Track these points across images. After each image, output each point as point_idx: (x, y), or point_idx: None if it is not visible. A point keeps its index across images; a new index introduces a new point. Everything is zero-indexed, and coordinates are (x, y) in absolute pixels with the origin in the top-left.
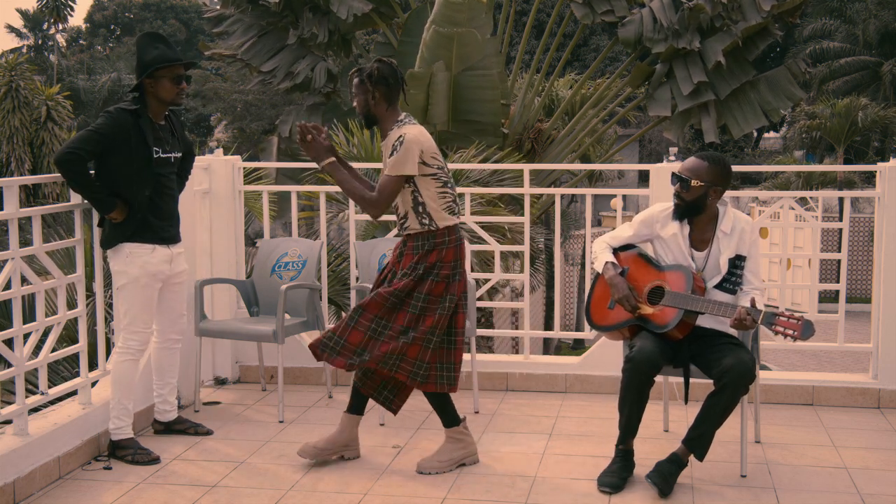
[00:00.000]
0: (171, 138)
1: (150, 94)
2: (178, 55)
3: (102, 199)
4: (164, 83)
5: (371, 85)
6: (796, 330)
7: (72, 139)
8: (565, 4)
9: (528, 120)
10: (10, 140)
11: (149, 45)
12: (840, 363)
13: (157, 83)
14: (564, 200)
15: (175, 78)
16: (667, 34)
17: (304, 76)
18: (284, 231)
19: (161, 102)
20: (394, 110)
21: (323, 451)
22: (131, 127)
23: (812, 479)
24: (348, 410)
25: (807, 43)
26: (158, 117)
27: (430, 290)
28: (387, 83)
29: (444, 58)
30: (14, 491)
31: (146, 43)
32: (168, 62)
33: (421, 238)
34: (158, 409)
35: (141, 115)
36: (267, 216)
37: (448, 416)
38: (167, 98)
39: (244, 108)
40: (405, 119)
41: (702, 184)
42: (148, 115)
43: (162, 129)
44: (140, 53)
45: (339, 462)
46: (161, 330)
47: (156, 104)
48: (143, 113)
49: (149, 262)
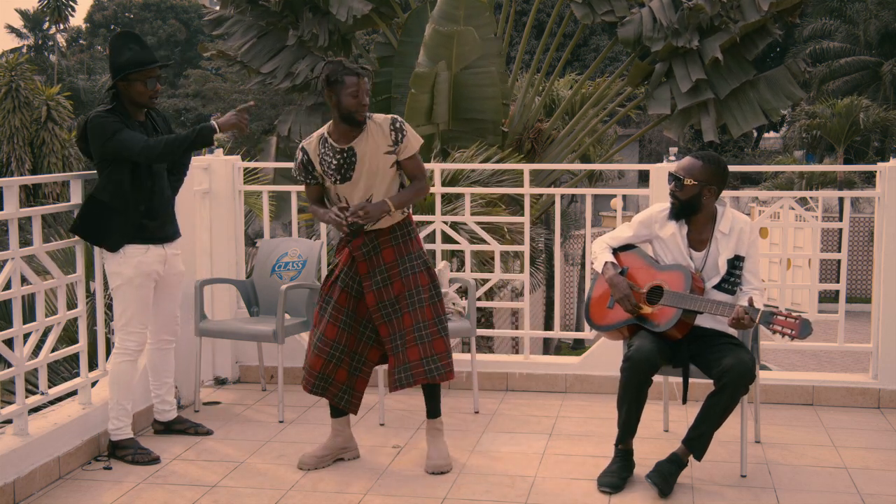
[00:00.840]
0: (153, 134)
1: (124, 95)
2: (151, 57)
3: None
4: (136, 86)
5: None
6: (794, 329)
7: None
8: (565, 4)
9: (528, 120)
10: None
11: (122, 47)
12: (840, 363)
13: (129, 86)
14: (564, 200)
15: (148, 81)
16: (666, 33)
17: (303, 77)
18: (284, 231)
19: (134, 104)
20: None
21: (322, 459)
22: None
23: (812, 479)
24: (333, 415)
25: (807, 43)
26: (137, 115)
27: (419, 282)
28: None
29: (443, 57)
30: (14, 491)
31: (120, 44)
32: (140, 66)
33: (399, 228)
34: (157, 409)
35: (121, 113)
36: (267, 216)
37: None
38: (140, 101)
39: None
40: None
41: (695, 182)
42: (127, 113)
43: (142, 125)
44: (113, 55)
45: (339, 462)
46: (154, 331)
47: (130, 105)
48: (119, 110)
49: (143, 261)
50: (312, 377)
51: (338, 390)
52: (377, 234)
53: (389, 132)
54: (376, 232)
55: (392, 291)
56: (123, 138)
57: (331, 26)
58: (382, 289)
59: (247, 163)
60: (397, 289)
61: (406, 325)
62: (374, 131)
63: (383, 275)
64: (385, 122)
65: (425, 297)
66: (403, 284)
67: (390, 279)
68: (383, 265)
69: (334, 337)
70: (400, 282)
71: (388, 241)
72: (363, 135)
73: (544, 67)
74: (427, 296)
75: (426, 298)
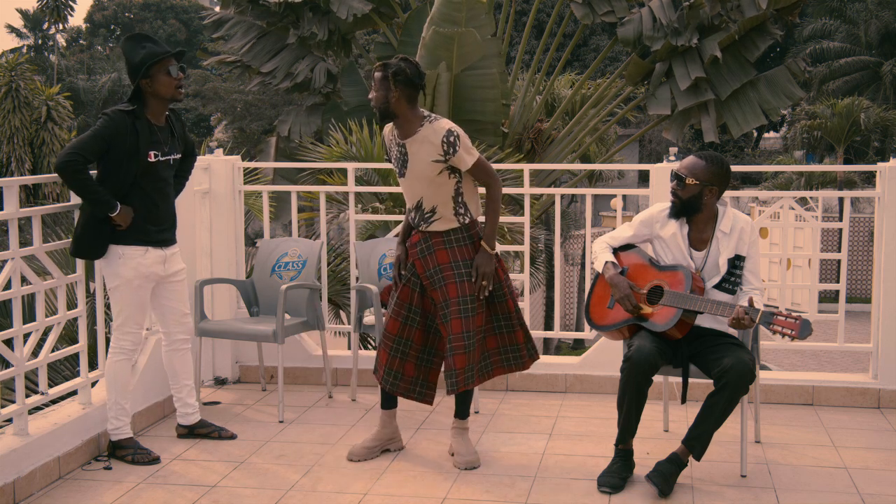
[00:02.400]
0: (170, 139)
1: (148, 94)
2: (166, 49)
3: (106, 200)
4: (160, 79)
5: (394, 83)
6: (794, 329)
7: (72, 143)
8: (565, 4)
9: (528, 120)
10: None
11: (136, 47)
12: (840, 363)
13: (153, 81)
14: (564, 200)
15: (171, 69)
16: (666, 33)
17: (303, 76)
18: (284, 231)
19: (161, 100)
20: (414, 108)
21: (371, 450)
22: (129, 129)
23: (812, 479)
24: (383, 406)
25: (807, 43)
26: (158, 118)
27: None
28: (411, 84)
29: (444, 58)
30: (14, 491)
31: (132, 46)
32: (158, 57)
33: (455, 232)
34: (179, 412)
35: (139, 116)
36: (267, 216)
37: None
38: (166, 94)
39: (244, 108)
40: (433, 115)
41: (696, 182)
42: (146, 117)
43: (161, 130)
44: (129, 57)
45: (339, 462)
46: (167, 332)
47: (156, 103)
48: (140, 115)
49: (141, 263)
50: (382, 370)
51: (409, 384)
52: (431, 235)
53: (441, 143)
54: (431, 234)
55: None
56: (80, 139)
57: (331, 26)
58: (439, 289)
59: (247, 163)
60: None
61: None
62: (428, 136)
63: (438, 275)
64: (440, 130)
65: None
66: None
67: (444, 280)
68: (437, 266)
69: (396, 332)
70: (455, 285)
71: (441, 244)
72: (417, 136)
73: (544, 67)
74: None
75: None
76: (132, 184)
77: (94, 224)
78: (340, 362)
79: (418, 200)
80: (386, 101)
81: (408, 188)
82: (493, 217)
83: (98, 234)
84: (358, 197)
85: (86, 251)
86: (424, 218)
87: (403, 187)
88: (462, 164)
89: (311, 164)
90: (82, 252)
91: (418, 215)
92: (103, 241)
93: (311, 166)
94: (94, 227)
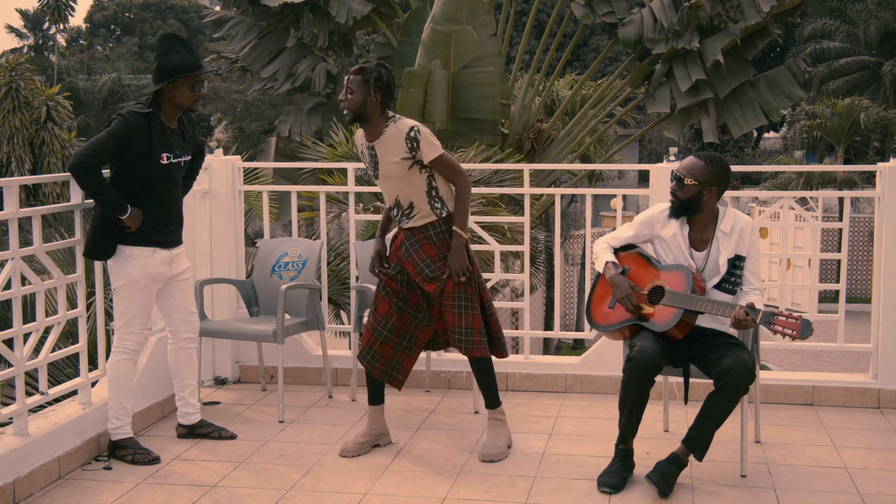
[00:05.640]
0: (181, 142)
1: (166, 98)
2: (200, 62)
3: (117, 202)
4: (183, 90)
5: (374, 88)
6: (795, 329)
7: (87, 144)
8: (565, 4)
9: (528, 120)
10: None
11: (170, 50)
12: (840, 363)
13: (175, 89)
14: (564, 200)
15: (196, 85)
16: (667, 34)
17: (304, 77)
18: (284, 231)
19: (177, 107)
20: (385, 112)
21: (363, 445)
22: (143, 131)
23: (812, 479)
24: (371, 403)
25: (807, 43)
26: (171, 121)
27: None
28: (388, 90)
29: (441, 56)
30: (14, 491)
31: (168, 47)
32: (191, 71)
33: (434, 226)
34: (180, 412)
35: (153, 118)
36: (267, 216)
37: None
38: (184, 104)
39: (244, 109)
40: (397, 115)
41: (695, 182)
42: (160, 119)
43: (173, 132)
44: (162, 57)
45: (339, 462)
46: (174, 331)
47: (172, 109)
48: (155, 117)
49: (149, 264)
50: (363, 349)
51: (384, 366)
52: (413, 232)
53: (405, 140)
54: (413, 230)
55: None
56: (95, 140)
57: (331, 27)
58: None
59: (247, 163)
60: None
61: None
62: (394, 135)
63: (430, 267)
64: (403, 129)
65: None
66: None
67: (440, 271)
68: (427, 259)
69: (385, 314)
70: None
71: (424, 239)
72: (384, 137)
73: (544, 67)
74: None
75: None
76: (144, 186)
77: (107, 225)
78: (340, 362)
79: (396, 198)
80: (363, 104)
81: (384, 188)
82: (462, 204)
83: (110, 236)
84: (358, 197)
85: (99, 252)
86: (405, 214)
87: (381, 188)
88: (424, 157)
89: (312, 163)
90: (96, 253)
91: (399, 212)
92: (114, 243)
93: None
94: (105, 229)
